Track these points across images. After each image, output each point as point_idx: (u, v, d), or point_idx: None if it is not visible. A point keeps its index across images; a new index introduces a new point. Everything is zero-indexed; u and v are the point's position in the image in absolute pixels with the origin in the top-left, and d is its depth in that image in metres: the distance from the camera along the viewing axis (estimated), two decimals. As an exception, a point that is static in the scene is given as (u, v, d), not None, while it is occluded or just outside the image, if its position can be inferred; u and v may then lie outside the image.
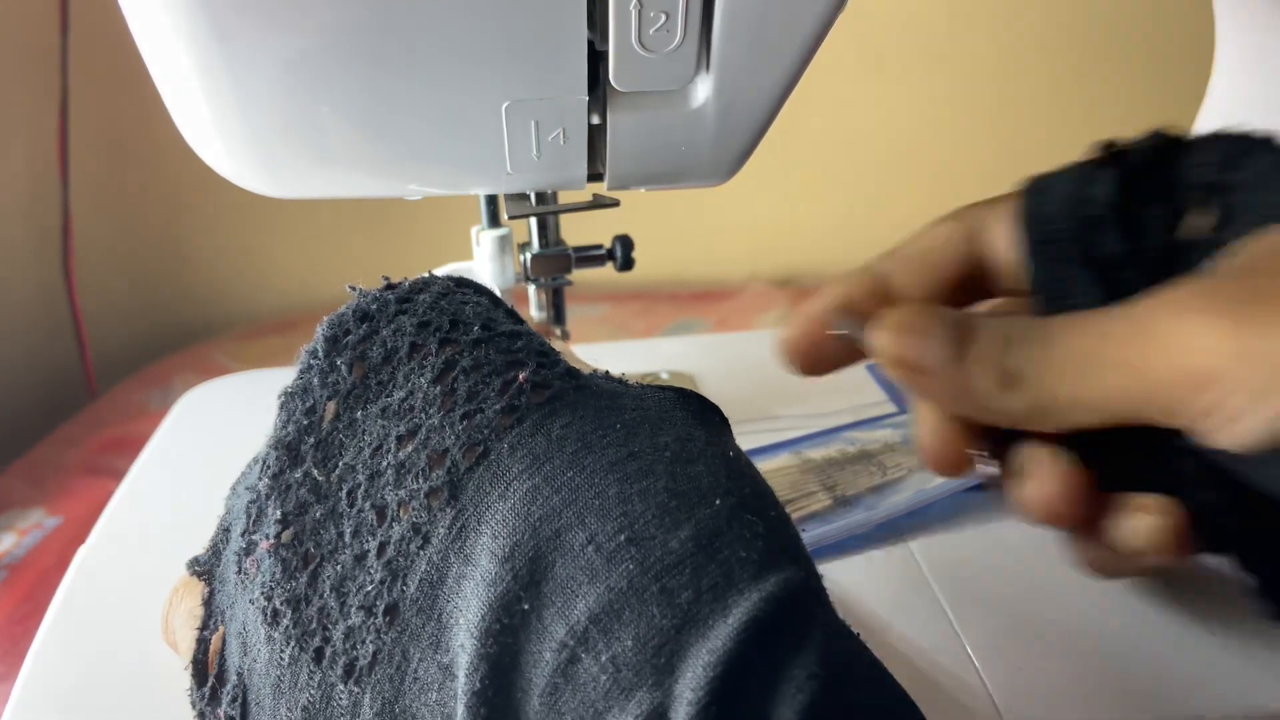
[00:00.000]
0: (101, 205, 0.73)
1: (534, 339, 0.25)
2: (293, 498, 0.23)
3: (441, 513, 0.21)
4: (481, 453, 0.22)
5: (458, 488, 0.21)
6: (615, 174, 0.30)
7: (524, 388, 0.23)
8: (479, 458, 0.22)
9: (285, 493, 0.23)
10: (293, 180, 0.29)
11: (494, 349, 0.24)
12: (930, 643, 0.30)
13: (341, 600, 0.22)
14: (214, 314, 0.81)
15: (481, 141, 0.28)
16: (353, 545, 0.22)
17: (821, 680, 0.18)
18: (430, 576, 0.21)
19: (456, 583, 0.21)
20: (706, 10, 0.25)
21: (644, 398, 0.24)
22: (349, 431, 0.23)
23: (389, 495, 0.22)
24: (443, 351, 0.23)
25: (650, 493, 0.21)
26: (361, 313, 0.24)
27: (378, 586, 0.21)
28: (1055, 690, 0.28)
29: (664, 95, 0.28)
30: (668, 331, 0.74)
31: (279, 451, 0.24)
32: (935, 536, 0.35)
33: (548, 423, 0.22)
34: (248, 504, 0.24)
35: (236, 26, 0.24)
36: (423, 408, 0.23)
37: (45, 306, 0.68)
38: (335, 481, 0.23)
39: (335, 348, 0.24)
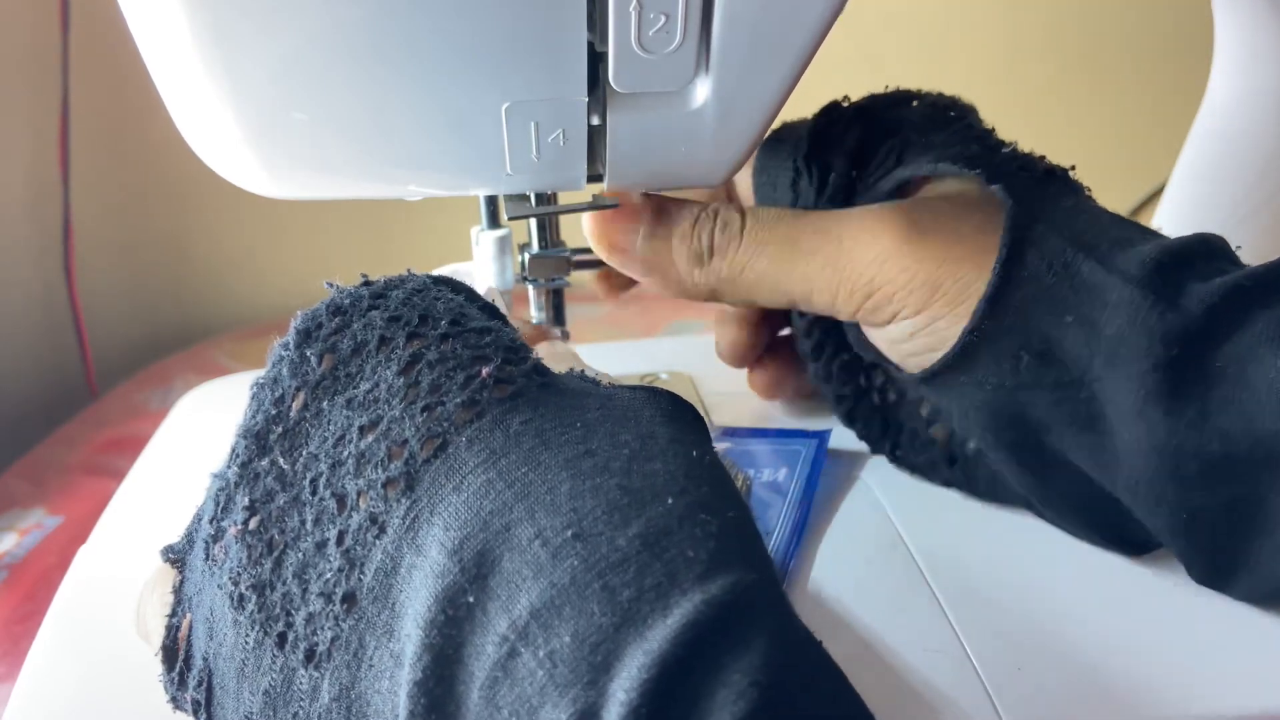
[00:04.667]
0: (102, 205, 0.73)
1: (504, 335, 0.25)
2: (260, 486, 0.23)
3: (397, 503, 0.22)
4: (440, 445, 0.22)
5: (414, 479, 0.22)
6: (615, 175, 0.30)
7: (486, 382, 0.23)
8: (437, 450, 0.22)
9: (253, 481, 0.23)
10: (293, 180, 0.29)
11: (461, 344, 0.24)
12: (929, 643, 0.30)
13: (303, 586, 0.22)
14: (214, 314, 0.81)
15: (481, 142, 0.28)
16: (314, 533, 0.22)
17: (763, 688, 0.18)
18: (385, 566, 0.21)
19: (408, 573, 0.21)
20: (706, 11, 0.25)
21: (612, 397, 0.24)
22: (315, 421, 0.23)
23: (349, 484, 0.22)
24: (410, 345, 0.23)
25: (603, 490, 0.21)
26: (335, 307, 0.25)
27: (336, 574, 0.22)
28: (1055, 690, 0.28)
29: (664, 96, 0.28)
30: (667, 332, 0.74)
31: (247, 440, 0.24)
32: (935, 536, 0.35)
33: (507, 418, 0.22)
34: (216, 491, 0.24)
35: (236, 26, 0.24)
36: (386, 399, 0.23)
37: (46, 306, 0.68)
38: (300, 470, 0.23)
39: (307, 340, 0.24)
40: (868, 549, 0.35)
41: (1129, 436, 0.29)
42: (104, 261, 0.74)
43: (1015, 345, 0.29)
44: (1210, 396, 0.27)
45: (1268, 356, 0.27)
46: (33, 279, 0.67)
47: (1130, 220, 0.32)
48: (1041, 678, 0.29)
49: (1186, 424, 0.27)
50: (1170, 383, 0.28)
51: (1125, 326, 0.28)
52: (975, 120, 0.35)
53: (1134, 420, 0.28)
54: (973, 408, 0.32)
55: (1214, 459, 0.28)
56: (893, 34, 0.79)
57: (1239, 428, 0.27)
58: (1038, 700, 0.28)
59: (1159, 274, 0.28)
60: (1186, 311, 0.28)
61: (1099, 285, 0.28)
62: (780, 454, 0.39)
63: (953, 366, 0.30)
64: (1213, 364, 0.27)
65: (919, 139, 0.34)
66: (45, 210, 0.67)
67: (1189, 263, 0.29)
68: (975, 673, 0.29)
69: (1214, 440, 0.27)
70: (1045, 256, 0.29)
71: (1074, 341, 0.29)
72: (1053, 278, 0.29)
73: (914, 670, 0.29)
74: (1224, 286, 0.28)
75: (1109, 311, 0.28)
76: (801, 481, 0.37)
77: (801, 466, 0.38)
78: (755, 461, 0.39)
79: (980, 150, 0.33)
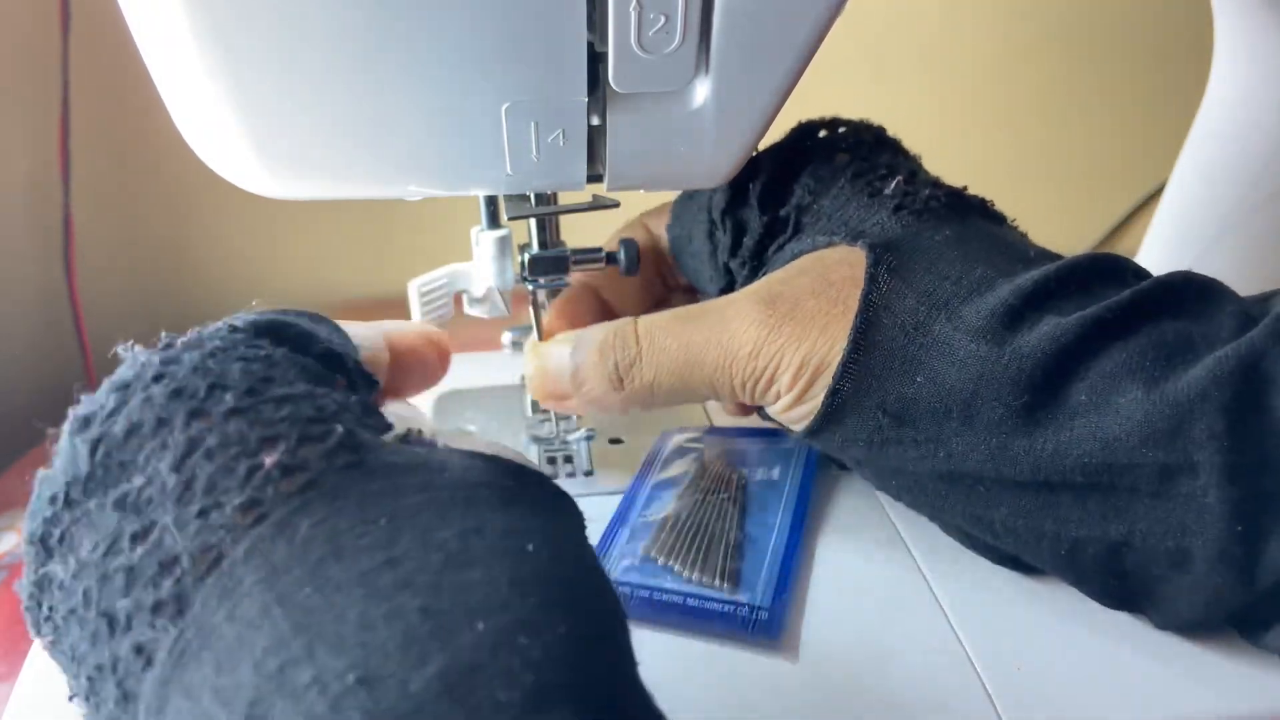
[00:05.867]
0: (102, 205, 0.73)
1: (307, 403, 0.21)
2: (49, 594, 0.20)
3: (165, 632, 0.18)
4: (214, 559, 0.18)
5: (185, 602, 0.18)
6: (615, 175, 0.30)
7: (271, 475, 0.19)
8: (210, 565, 0.18)
9: (47, 587, 0.20)
10: (293, 180, 0.29)
11: (249, 421, 0.20)
12: (930, 643, 0.30)
13: (97, 712, 0.20)
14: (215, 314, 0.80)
15: (481, 142, 0.28)
16: (92, 654, 0.19)
17: None
18: (152, 706, 0.18)
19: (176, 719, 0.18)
20: (706, 12, 0.25)
21: (444, 469, 0.20)
22: (85, 522, 0.20)
23: (119, 603, 0.19)
24: (189, 427, 0.20)
25: (401, 614, 0.17)
26: (118, 383, 0.21)
27: (113, 708, 0.19)
28: (1055, 690, 0.28)
29: (663, 96, 0.28)
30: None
31: (34, 547, 0.21)
32: (935, 536, 0.35)
33: (295, 520, 0.18)
34: (28, 598, 0.21)
35: (237, 27, 0.24)
36: (159, 500, 0.19)
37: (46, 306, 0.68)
38: (73, 578, 0.20)
39: (82, 427, 0.21)
40: (868, 548, 0.35)
41: (995, 478, 0.29)
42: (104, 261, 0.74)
43: (873, 405, 0.30)
44: (1072, 429, 0.28)
45: (1129, 386, 0.27)
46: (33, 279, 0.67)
47: (1014, 246, 0.32)
48: (1041, 678, 0.29)
49: (1047, 459, 0.28)
50: (1026, 424, 0.28)
51: (974, 382, 0.29)
52: (868, 152, 0.36)
53: (998, 464, 0.29)
54: (856, 461, 0.34)
55: (1082, 491, 0.28)
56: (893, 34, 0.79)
57: (1101, 459, 0.27)
58: (1038, 700, 0.28)
59: (1006, 322, 0.29)
60: (1031, 355, 0.28)
61: (947, 342, 0.29)
62: (774, 453, 0.40)
63: (823, 427, 0.32)
64: (1073, 399, 0.28)
65: (811, 202, 0.35)
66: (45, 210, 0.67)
67: (1048, 298, 0.29)
68: (975, 673, 0.29)
69: (1077, 473, 0.28)
70: (898, 317, 0.30)
71: (928, 400, 0.29)
72: (905, 339, 0.30)
73: (914, 670, 0.29)
74: (1080, 321, 0.28)
75: (957, 369, 0.29)
76: (797, 480, 0.38)
77: (795, 465, 0.38)
78: (749, 461, 0.39)
79: (858, 206, 0.34)
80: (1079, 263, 0.30)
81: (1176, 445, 0.26)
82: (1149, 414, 0.27)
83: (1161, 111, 0.39)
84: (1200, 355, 0.27)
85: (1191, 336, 0.28)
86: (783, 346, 0.31)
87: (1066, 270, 0.30)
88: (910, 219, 0.33)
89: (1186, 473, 0.26)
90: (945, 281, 0.30)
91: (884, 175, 0.35)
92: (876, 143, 0.37)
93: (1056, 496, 0.29)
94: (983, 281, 0.30)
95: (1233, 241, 0.31)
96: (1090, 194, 0.82)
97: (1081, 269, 0.30)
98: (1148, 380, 0.27)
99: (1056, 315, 0.29)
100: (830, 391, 0.31)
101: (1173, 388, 0.26)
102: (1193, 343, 0.28)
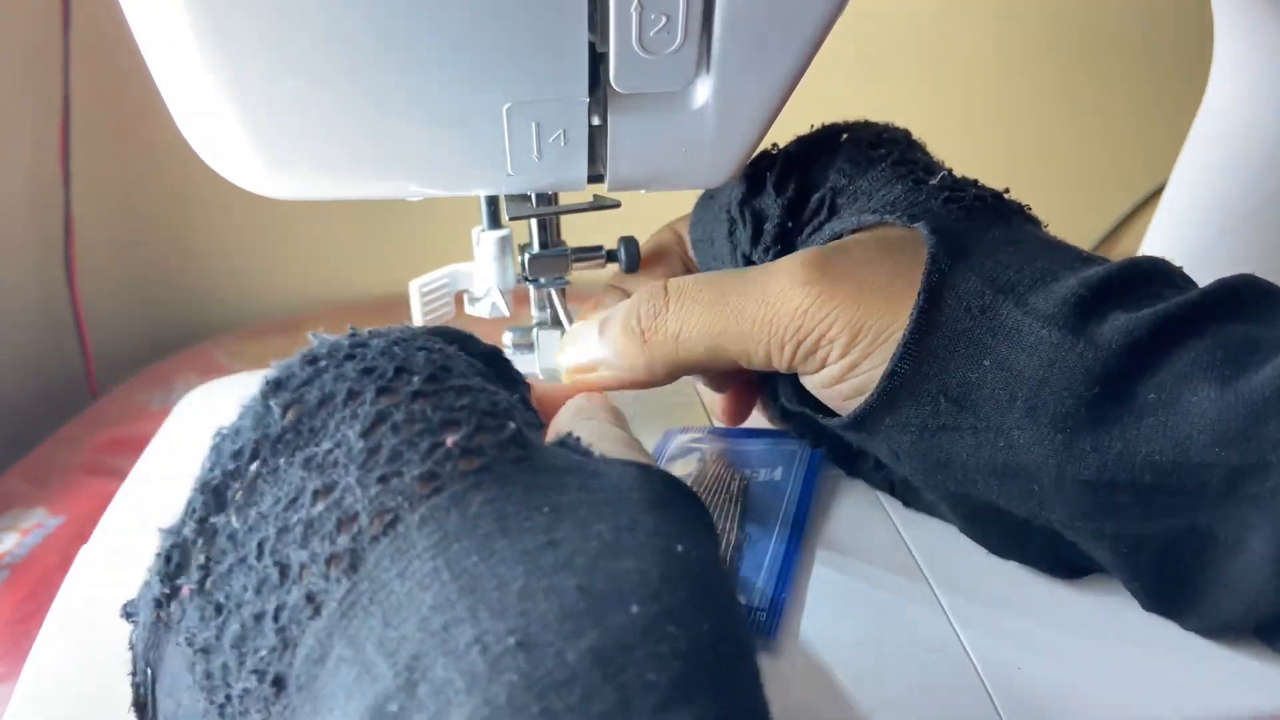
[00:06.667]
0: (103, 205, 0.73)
1: (484, 397, 0.23)
2: (216, 544, 0.22)
3: (337, 583, 0.19)
4: (390, 521, 0.20)
5: (359, 558, 0.19)
6: (616, 175, 0.30)
7: (451, 453, 0.20)
8: (386, 527, 0.20)
9: (210, 538, 0.22)
10: (293, 180, 0.29)
11: (433, 404, 0.22)
12: (930, 643, 0.30)
13: (240, 659, 0.20)
14: (216, 314, 0.81)
15: (482, 142, 0.28)
16: (254, 602, 0.20)
17: None
18: (313, 654, 0.19)
19: (336, 666, 0.19)
20: (707, 12, 0.25)
21: (598, 474, 0.22)
22: (271, 479, 0.21)
23: (293, 554, 0.20)
24: (378, 401, 0.21)
25: (559, 590, 0.18)
26: (310, 356, 0.23)
27: (269, 653, 0.20)
28: (1055, 690, 0.28)
29: (664, 97, 0.28)
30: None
31: (205, 495, 0.22)
32: (935, 536, 0.35)
33: (468, 496, 0.20)
34: (169, 547, 0.22)
35: (238, 27, 0.24)
36: (344, 463, 0.21)
37: (47, 306, 0.68)
38: (249, 530, 0.21)
39: (275, 390, 0.22)
40: (868, 549, 0.35)
41: (1057, 475, 0.28)
42: (104, 261, 0.74)
43: (934, 389, 0.29)
44: (1140, 428, 0.27)
45: (1201, 385, 0.27)
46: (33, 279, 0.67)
47: (1065, 247, 0.32)
48: (1041, 678, 0.29)
49: (1115, 458, 0.27)
50: (1094, 419, 0.27)
51: (1044, 369, 0.28)
52: (904, 150, 0.35)
53: (1061, 460, 0.28)
54: (902, 450, 0.32)
55: (1148, 490, 0.27)
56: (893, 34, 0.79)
57: (1171, 459, 0.27)
58: (1038, 700, 0.28)
59: (1078, 311, 0.28)
60: (1107, 347, 0.27)
61: (1016, 328, 0.28)
62: (776, 454, 0.40)
63: (876, 410, 0.31)
64: (1142, 396, 0.27)
65: (847, 185, 0.34)
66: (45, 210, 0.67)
67: (1114, 294, 0.29)
68: (975, 673, 0.29)
69: (1146, 472, 0.27)
70: (963, 299, 0.29)
71: (992, 385, 0.29)
72: (970, 321, 0.29)
73: (914, 670, 0.29)
74: (1153, 317, 0.27)
75: (1026, 355, 0.28)
76: (799, 481, 0.38)
77: (798, 467, 0.38)
78: (751, 461, 0.39)
79: (905, 190, 0.33)
80: (1138, 263, 0.30)
81: (1250, 445, 0.26)
82: (1222, 413, 0.26)
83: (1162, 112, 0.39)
84: (1270, 357, 0.27)
85: (1257, 339, 0.27)
86: (836, 310, 0.30)
87: (1129, 268, 0.29)
88: (960, 213, 0.32)
89: (1258, 473, 0.26)
90: (1009, 269, 0.30)
91: (923, 167, 0.34)
92: (908, 144, 0.36)
93: (1119, 496, 0.28)
94: (1045, 273, 0.29)
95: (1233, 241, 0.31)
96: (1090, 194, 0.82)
97: (1142, 269, 0.30)
98: (1220, 380, 0.27)
99: (1123, 311, 0.28)
100: (889, 373, 0.29)
101: (1246, 387, 0.26)
102: (1259, 345, 0.27)
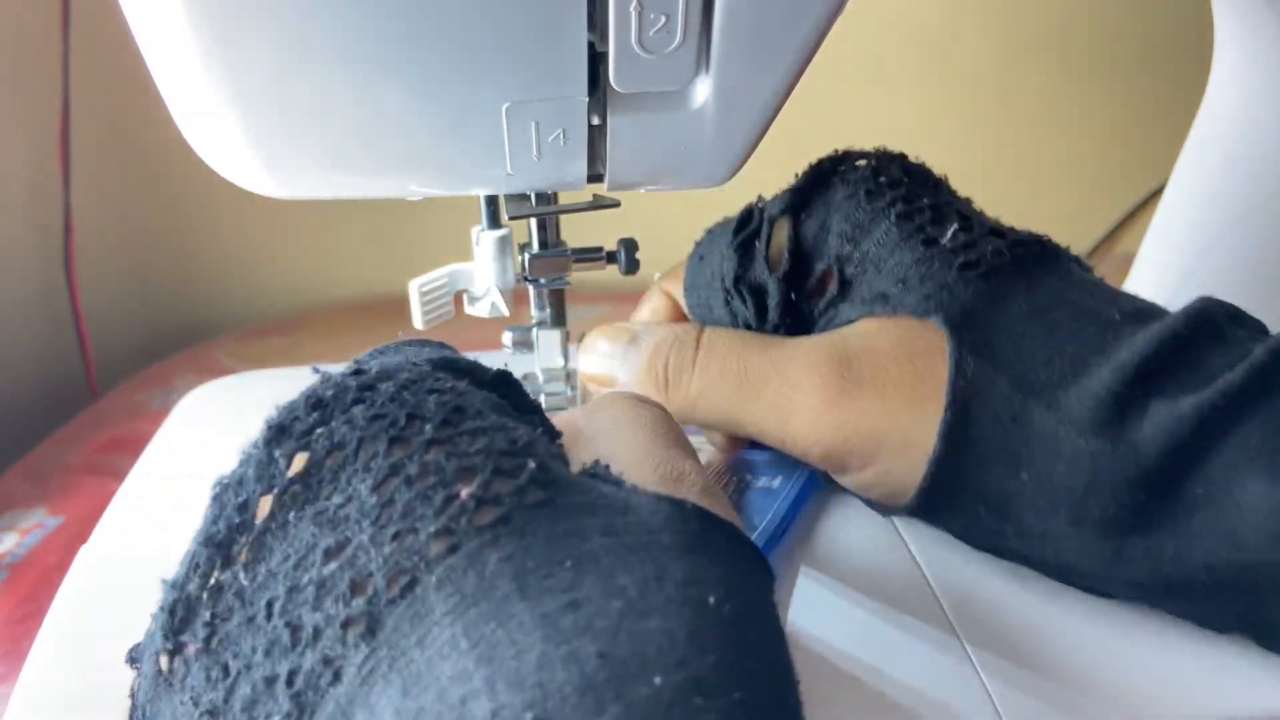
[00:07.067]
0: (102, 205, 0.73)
1: (501, 436, 0.21)
2: (223, 600, 0.21)
3: (355, 649, 0.19)
4: (407, 584, 0.19)
5: (376, 622, 0.19)
6: (615, 175, 0.30)
7: (466, 506, 0.19)
8: (403, 589, 0.19)
9: (216, 594, 0.21)
10: (293, 180, 0.29)
11: (447, 453, 0.20)
12: (930, 643, 0.30)
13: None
14: (215, 314, 0.81)
15: (481, 142, 0.28)
16: (264, 665, 0.20)
17: None
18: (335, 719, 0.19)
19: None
20: (706, 11, 0.25)
21: (627, 511, 0.21)
22: (280, 534, 0.20)
23: (305, 615, 0.19)
24: (391, 453, 0.20)
25: (578, 658, 0.17)
26: (314, 400, 0.22)
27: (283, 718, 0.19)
28: (1055, 690, 0.28)
29: (664, 96, 0.28)
30: (668, 331, 0.74)
31: (209, 550, 0.21)
32: (935, 536, 0.35)
33: (485, 554, 0.19)
34: (173, 602, 0.21)
35: (237, 26, 0.24)
36: (357, 519, 0.20)
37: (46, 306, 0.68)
38: (258, 588, 0.20)
39: (279, 437, 0.21)
40: (868, 550, 0.35)
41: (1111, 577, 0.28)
42: (104, 261, 0.74)
43: (971, 499, 0.28)
44: (1191, 524, 0.26)
45: (1251, 480, 0.25)
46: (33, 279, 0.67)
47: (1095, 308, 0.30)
48: (1041, 678, 0.29)
49: (1169, 560, 0.26)
50: (1142, 523, 0.27)
51: (1085, 480, 0.27)
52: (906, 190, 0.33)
53: (1111, 565, 0.27)
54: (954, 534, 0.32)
55: (1207, 589, 0.27)
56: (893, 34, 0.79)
57: (1226, 558, 0.26)
58: (1038, 700, 0.28)
59: (1115, 412, 0.27)
60: (1148, 450, 0.26)
61: (1051, 435, 0.27)
62: (781, 462, 0.39)
63: (914, 512, 0.30)
64: (1190, 491, 0.26)
65: (853, 251, 0.32)
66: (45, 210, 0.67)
67: (1153, 379, 0.27)
68: (975, 673, 0.29)
69: (1201, 573, 0.26)
70: (992, 407, 0.28)
71: (1032, 496, 0.28)
72: (1001, 431, 0.28)
73: (914, 670, 0.29)
74: (1195, 410, 0.26)
75: (1065, 466, 0.27)
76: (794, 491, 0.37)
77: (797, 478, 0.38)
78: (754, 468, 0.39)
79: (915, 258, 0.31)
80: (1176, 331, 0.28)
81: None
82: (1275, 509, 0.25)
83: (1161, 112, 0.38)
84: None
85: None
86: (859, 416, 0.29)
87: (1168, 343, 0.27)
88: (979, 282, 0.30)
89: None
90: (1036, 364, 0.28)
91: (931, 217, 0.32)
92: (907, 175, 0.34)
93: (1179, 595, 0.27)
94: (1077, 362, 0.28)
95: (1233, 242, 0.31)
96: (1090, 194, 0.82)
97: (1181, 338, 0.28)
98: (1269, 472, 0.25)
99: (1164, 398, 0.27)
100: (921, 489, 0.29)
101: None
102: None
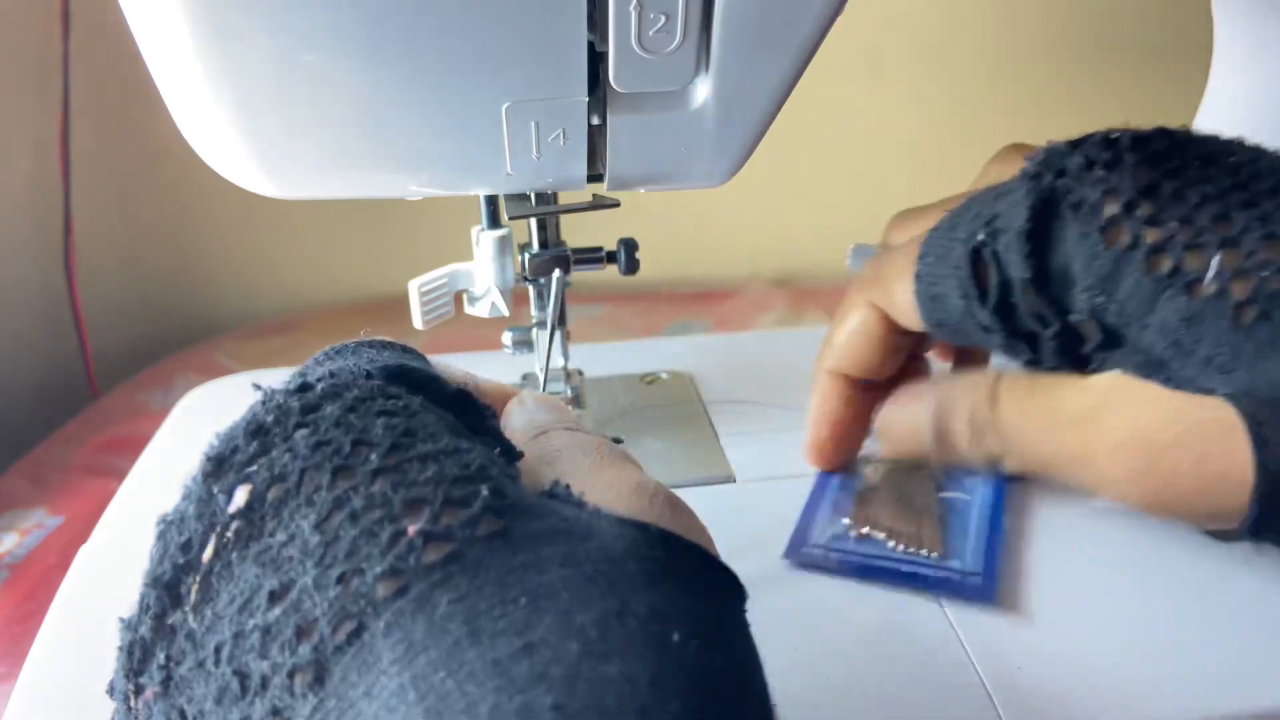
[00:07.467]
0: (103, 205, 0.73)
1: (452, 461, 0.20)
2: (175, 643, 0.20)
3: (304, 699, 0.18)
4: (354, 630, 0.18)
5: (324, 670, 0.18)
6: (615, 175, 0.30)
7: (414, 543, 0.18)
8: (350, 636, 0.18)
9: (169, 637, 0.20)
10: (293, 180, 0.29)
11: (394, 482, 0.19)
12: (928, 642, 0.30)
13: None
14: (215, 314, 0.81)
15: (481, 142, 0.28)
16: (216, 712, 0.19)
17: None
18: None
19: None
20: (706, 11, 0.25)
21: (588, 538, 0.19)
22: (224, 575, 0.20)
23: (253, 664, 0.18)
24: (335, 484, 0.19)
25: (532, 711, 0.16)
26: (254, 426, 0.21)
27: None
28: (1055, 690, 0.28)
29: (664, 96, 0.28)
30: (667, 332, 0.74)
31: (157, 590, 0.20)
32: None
33: (435, 595, 0.18)
34: (129, 643, 0.21)
35: (237, 27, 0.24)
36: (300, 559, 0.19)
37: (46, 306, 0.68)
38: (206, 631, 0.19)
39: (217, 471, 0.20)
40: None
41: None
42: (104, 261, 0.74)
43: None
44: None
45: None
46: (33, 279, 0.67)
47: None
48: (1041, 678, 0.29)
49: None
50: None
51: None
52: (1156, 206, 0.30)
53: None
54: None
55: None
56: (893, 34, 0.79)
57: None
58: (1038, 700, 0.28)
59: None
60: None
61: None
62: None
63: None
64: None
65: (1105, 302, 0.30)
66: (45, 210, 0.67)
67: None
68: (975, 673, 0.29)
69: None
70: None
71: None
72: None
73: (914, 670, 0.29)
74: None
75: None
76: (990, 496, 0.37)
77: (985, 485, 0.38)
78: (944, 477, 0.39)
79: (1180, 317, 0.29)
80: None
81: None
82: None
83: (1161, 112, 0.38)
84: None
85: None
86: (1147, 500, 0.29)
87: None
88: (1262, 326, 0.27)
89: None
90: None
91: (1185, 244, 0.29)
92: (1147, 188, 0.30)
93: None
94: None
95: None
96: None
97: None
98: None
99: None
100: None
101: None
102: None
